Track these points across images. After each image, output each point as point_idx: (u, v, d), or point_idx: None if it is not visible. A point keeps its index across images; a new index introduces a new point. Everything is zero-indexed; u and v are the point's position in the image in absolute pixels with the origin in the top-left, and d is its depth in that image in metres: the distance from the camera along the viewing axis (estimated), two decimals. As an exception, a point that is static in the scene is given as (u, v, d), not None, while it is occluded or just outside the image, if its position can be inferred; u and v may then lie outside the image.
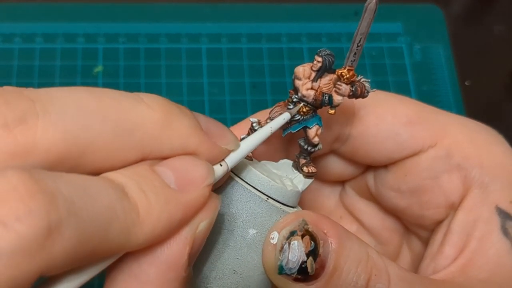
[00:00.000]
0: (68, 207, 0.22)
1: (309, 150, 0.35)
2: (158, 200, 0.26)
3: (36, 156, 0.24)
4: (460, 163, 0.37)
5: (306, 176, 0.35)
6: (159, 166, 0.27)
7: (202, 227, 0.28)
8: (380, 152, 0.39)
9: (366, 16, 0.31)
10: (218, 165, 0.29)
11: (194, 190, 0.27)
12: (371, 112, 0.38)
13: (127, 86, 0.63)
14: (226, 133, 0.30)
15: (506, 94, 0.69)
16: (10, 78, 0.62)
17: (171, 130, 0.27)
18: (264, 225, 0.32)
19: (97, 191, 0.24)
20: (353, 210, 0.44)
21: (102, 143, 0.25)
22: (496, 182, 0.36)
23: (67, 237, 0.22)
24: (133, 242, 0.25)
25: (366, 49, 0.67)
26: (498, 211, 0.35)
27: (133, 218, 0.25)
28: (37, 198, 0.22)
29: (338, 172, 0.42)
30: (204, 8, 0.69)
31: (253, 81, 0.64)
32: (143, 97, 0.28)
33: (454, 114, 0.40)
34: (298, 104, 0.34)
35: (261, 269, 0.32)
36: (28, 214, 0.21)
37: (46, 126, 0.24)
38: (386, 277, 0.31)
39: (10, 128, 0.24)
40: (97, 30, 0.66)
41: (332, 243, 0.30)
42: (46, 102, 0.25)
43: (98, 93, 0.26)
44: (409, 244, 0.42)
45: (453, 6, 0.73)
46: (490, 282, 0.34)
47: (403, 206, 0.40)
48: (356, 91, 0.33)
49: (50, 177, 0.23)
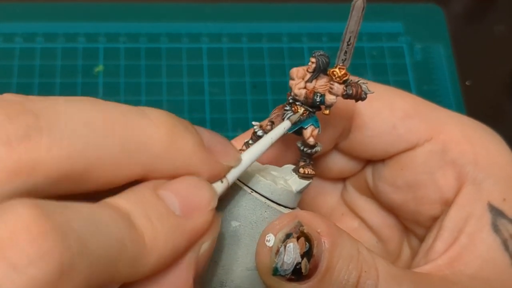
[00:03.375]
0: (79, 244, 0.22)
1: (305, 151, 0.35)
2: (164, 228, 0.25)
3: (39, 173, 0.23)
4: (454, 159, 0.37)
5: (301, 177, 0.34)
6: (163, 190, 0.27)
7: (205, 248, 0.28)
8: (377, 145, 0.39)
9: (353, 14, 0.31)
10: (219, 182, 0.29)
11: (199, 216, 0.27)
12: (368, 105, 0.38)
13: (128, 85, 0.63)
14: (228, 149, 0.30)
15: (506, 94, 0.69)
16: (11, 78, 0.62)
17: (175, 148, 0.27)
18: (247, 218, 0.32)
19: (106, 223, 0.23)
20: (354, 207, 0.44)
21: (106, 161, 0.25)
22: (490, 179, 0.36)
23: (78, 276, 0.22)
24: (140, 272, 0.25)
25: (367, 48, 0.67)
26: (490, 208, 0.36)
27: (140, 248, 0.24)
28: (50, 238, 0.21)
29: (339, 168, 0.42)
30: (205, 7, 0.69)
31: (254, 81, 0.65)
32: (148, 112, 0.27)
33: (451, 111, 0.40)
34: (294, 105, 0.34)
35: (245, 264, 0.32)
36: (41, 256, 0.21)
37: (50, 143, 0.23)
38: (375, 273, 0.31)
39: (13, 145, 0.23)
40: (98, 29, 0.66)
41: (326, 243, 0.30)
42: (51, 117, 0.24)
43: (103, 108, 0.26)
44: (409, 241, 0.43)
45: (454, 6, 0.73)
46: (477, 278, 0.34)
47: (399, 202, 0.40)
48: (350, 92, 0.33)
49: (60, 211, 0.22)
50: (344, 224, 0.45)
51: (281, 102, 0.35)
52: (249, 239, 0.32)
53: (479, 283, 0.34)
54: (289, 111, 0.34)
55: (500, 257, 0.35)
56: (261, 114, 0.62)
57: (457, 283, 0.34)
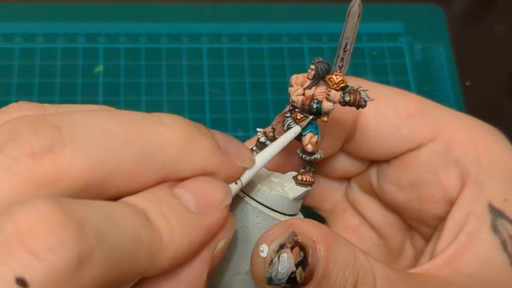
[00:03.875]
0: (96, 235, 0.22)
1: (305, 158, 0.34)
2: (180, 224, 0.26)
3: (63, 184, 0.24)
4: (458, 158, 0.37)
5: (299, 183, 0.34)
6: (179, 189, 0.27)
7: (220, 246, 0.28)
8: (381, 146, 0.39)
9: (349, 20, 0.31)
10: (233, 183, 0.30)
11: (214, 212, 0.27)
12: (372, 106, 0.38)
13: (128, 86, 0.63)
14: (243, 151, 0.30)
15: (506, 94, 0.69)
16: (11, 78, 0.62)
17: (191, 152, 0.28)
18: (239, 222, 0.32)
19: (122, 217, 0.24)
20: (356, 204, 0.44)
21: (126, 169, 0.26)
22: (492, 180, 0.36)
23: (96, 266, 0.22)
24: (157, 267, 0.25)
25: (367, 49, 0.67)
26: (490, 208, 0.36)
27: (157, 244, 0.25)
28: (68, 228, 0.22)
29: (344, 169, 0.43)
30: (205, 8, 0.69)
31: (254, 81, 0.64)
32: (164, 118, 0.28)
33: (455, 111, 0.40)
34: (294, 112, 0.34)
35: (236, 268, 0.32)
36: (60, 244, 0.21)
37: (73, 155, 0.24)
38: (372, 278, 0.31)
39: (38, 158, 0.24)
40: (98, 30, 0.66)
41: (321, 250, 0.30)
42: (72, 130, 0.25)
43: (120, 117, 0.27)
44: (412, 240, 0.43)
45: (454, 6, 0.73)
46: (475, 277, 0.34)
47: (403, 201, 0.40)
48: (348, 99, 0.32)
49: (77, 206, 0.23)
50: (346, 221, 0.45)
51: (281, 103, 0.35)
52: (240, 244, 0.33)
53: (477, 283, 0.34)
54: (289, 118, 0.34)
55: (499, 257, 0.35)
56: (261, 115, 0.62)
57: (455, 283, 0.34)
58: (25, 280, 0.21)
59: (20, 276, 0.21)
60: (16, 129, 0.25)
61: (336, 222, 0.45)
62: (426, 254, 0.38)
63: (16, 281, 0.21)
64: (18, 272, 0.21)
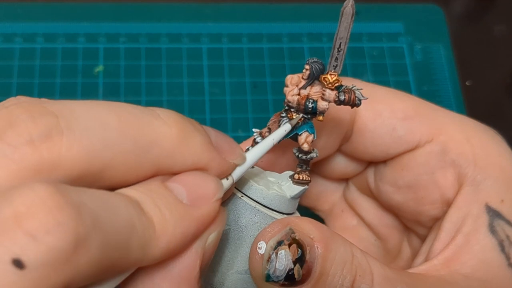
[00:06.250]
0: (93, 220, 0.23)
1: (301, 158, 0.35)
2: (172, 215, 0.26)
3: (60, 171, 0.24)
4: (454, 159, 0.37)
5: (295, 182, 0.34)
6: (171, 182, 0.28)
7: (212, 239, 0.29)
8: (378, 147, 0.39)
9: (343, 20, 0.31)
10: (224, 179, 0.30)
11: (206, 204, 0.28)
12: (369, 107, 0.38)
13: (128, 86, 0.63)
14: (234, 148, 0.31)
15: (507, 94, 0.69)
16: (11, 78, 0.62)
17: (185, 146, 0.28)
18: (237, 222, 0.33)
19: (117, 205, 0.25)
20: (354, 205, 0.45)
21: (121, 160, 0.26)
22: (488, 180, 0.36)
23: (93, 250, 0.22)
24: (150, 256, 0.26)
25: (367, 49, 0.67)
26: (487, 209, 0.36)
27: (150, 233, 0.25)
28: (65, 211, 0.22)
29: (341, 170, 0.43)
30: (205, 8, 0.69)
31: (254, 81, 0.65)
32: (159, 112, 0.28)
33: (452, 112, 0.40)
34: (289, 112, 0.34)
35: (235, 267, 0.33)
36: (57, 226, 0.21)
37: (70, 143, 0.25)
38: (369, 276, 0.31)
39: (36, 145, 0.24)
40: (98, 30, 0.66)
41: (319, 248, 0.30)
42: (70, 118, 0.25)
43: (117, 109, 0.27)
44: (409, 241, 0.43)
45: (454, 6, 0.73)
46: (473, 278, 0.34)
47: (400, 202, 0.40)
48: (343, 98, 0.32)
49: (75, 191, 0.23)
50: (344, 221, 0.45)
51: (281, 102, 0.36)
52: (239, 243, 0.33)
53: (475, 283, 0.34)
54: (285, 118, 0.34)
55: (496, 258, 0.35)
56: (261, 114, 0.62)
57: (452, 283, 0.34)
58: (21, 261, 0.21)
59: (17, 257, 0.21)
60: (14, 116, 0.25)
61: (334, 222, 0.45)
62: (420, 254, 0.38)
63: (13, 262, 0.21)
64: (15, 253, 0.21)
